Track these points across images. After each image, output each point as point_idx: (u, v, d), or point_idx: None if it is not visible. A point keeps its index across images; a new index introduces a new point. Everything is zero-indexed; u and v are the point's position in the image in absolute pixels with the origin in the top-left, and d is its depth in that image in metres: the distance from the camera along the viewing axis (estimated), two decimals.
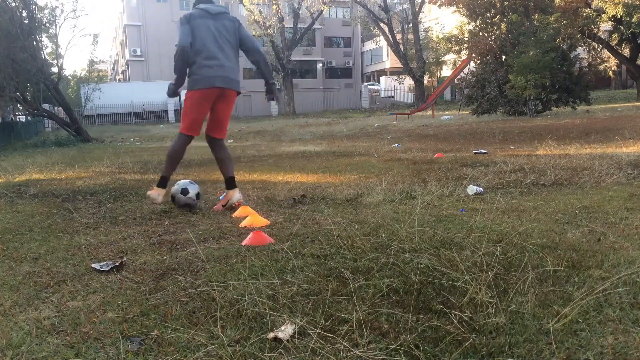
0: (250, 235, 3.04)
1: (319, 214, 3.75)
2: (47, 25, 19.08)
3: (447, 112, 25.43)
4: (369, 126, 19.17)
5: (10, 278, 2.52)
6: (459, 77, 26.20)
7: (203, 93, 4.04)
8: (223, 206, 4.15)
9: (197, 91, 4.04)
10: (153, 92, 37.57)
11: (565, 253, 2.56)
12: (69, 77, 43.23)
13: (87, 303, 2.15)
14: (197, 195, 4.15)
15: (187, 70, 4.06)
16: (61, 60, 21.04)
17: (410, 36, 38.83)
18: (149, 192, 4.21)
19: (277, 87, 4.34)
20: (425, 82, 39.73)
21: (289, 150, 10.30)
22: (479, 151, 8.26)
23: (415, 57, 37.51)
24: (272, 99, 4.43)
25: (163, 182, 4.19)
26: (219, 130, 4.26)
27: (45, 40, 20.45)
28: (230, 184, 4.24)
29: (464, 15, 24.54)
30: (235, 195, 4.19)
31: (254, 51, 4.24)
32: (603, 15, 24.67)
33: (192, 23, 4.00)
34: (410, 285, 2.20)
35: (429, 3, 29.59)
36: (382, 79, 53.63)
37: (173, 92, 4.16)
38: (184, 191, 4.07)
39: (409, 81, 43.30)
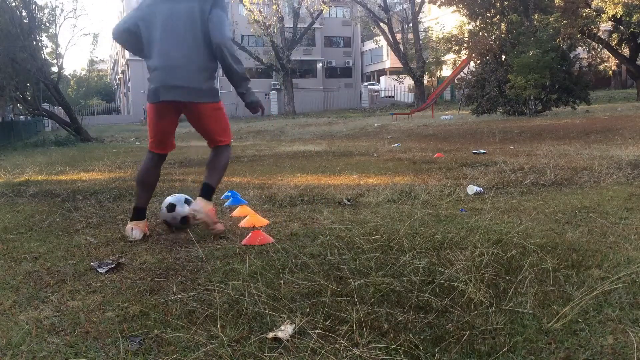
0: (250, 235, 3.04)
1: (319, 214, 3.75)
2: (47, 24, 19.11)
3: (447, 112, 25.43)
4: (368, 126, 19.17)
5: (10, 278, 2.52)
6: (458, 77, 26.21)
7: (153, 107, 3.17)
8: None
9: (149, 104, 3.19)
10: None
11: (565, 253, 2.56)
12: (69, 76, 43.24)
13: (87, 303, 2.15)
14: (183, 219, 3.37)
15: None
16: (61, 59, 21.05)
17: (410, 36, 38.85)
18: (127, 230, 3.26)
19: (253, 97, 3.11)
20: (425, 82, 39.75)
21: (289, 150, 10.30)
22: (477, 151, 8.26)
23: (415, 57, 37.53)
24: (257, 112, 3.27)
25: (135, 212, 3.29)
26: (206, 139, 3.34)
27: (45, 39, 20.48)
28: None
29: (463, 15, 24.54)
30: (195, 203, 3.19)
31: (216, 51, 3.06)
32: (603, 15, 24.68)
33: (146, 9, 3.12)
34: (410, 285, 2.20)
35: (429, 3, 29.58)
36: (382, 78, 53.63)
37: None
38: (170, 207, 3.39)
39: (408, 81, 43.30)
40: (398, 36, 38.75)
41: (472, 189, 4.44)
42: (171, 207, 3.36)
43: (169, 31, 3.02)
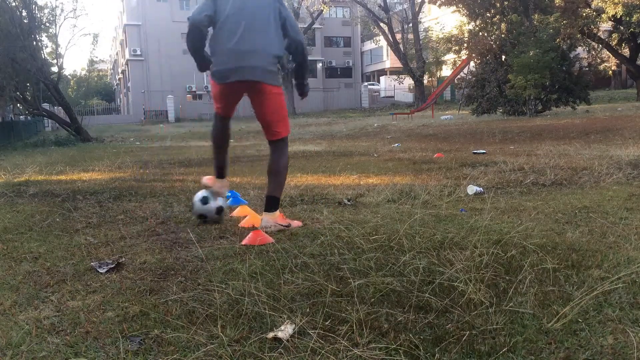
0: (249, 235, 3.04)
1: (319, 214, 3.75)
2: (47, 24, 19.13)
3: (447, 112, 25.43)
4: (368, 126, 19.18)
5: (10, 277, 2.52)
6: (458, 77, 26.23)
7: (219, 86, 3.39)
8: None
9: (213, 81, 3.41)
10: None
11: (565, 253, 2.56)
12: (68, 76, 43.25)
13: (87, 302, 2.15)
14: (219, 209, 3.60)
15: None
16: (61, 59, 21.07)
17: (410, 36, 38.85)
18: (212, 187, 3.57)
19: (308, 88, 3.68)
20: (425, 82, 39.76)
21: (289, 150, 10.27)
22: (477, 151, 8.26)
23: (415, 57, 37.53)
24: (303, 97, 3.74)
25: (217, 171, 3.66)
26: (265, 130, 3.56)
27: (45, 39, 20.51)
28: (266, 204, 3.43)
29: (463, 15, 24.56)
30: (263, 220, 3.37)
31: (294, 44, 3.41)
32: (603, 15, 24.69)
33: None
34: (410, 285, 2.20)
35: (429, 3, 29.58)
36: (382, 78, 53.62)
37: (201, 70, 3.48)
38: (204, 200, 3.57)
39: (408, 81, 43.31)
40: (398, 36, 38.76)
41: (472, 189, 4.44)
42: (205, 200, 3.57)
43: (242, 17, 3.25)
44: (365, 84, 49.59)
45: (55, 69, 21.51)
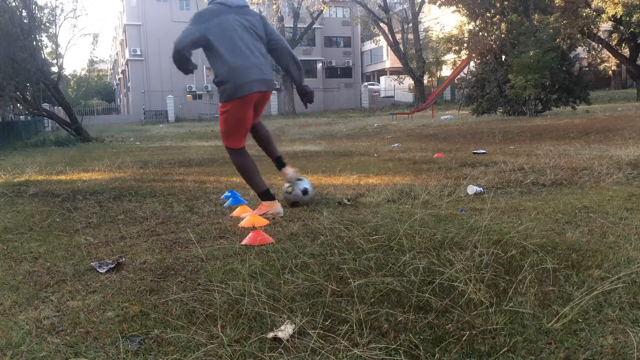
0: (249, 235, 3.04)
1: (319, 214, 3.75)
2: (47, 24, 19.13)
3: (447, 112, 25.43)
4: (368, 126, 19.19)
5: (10, 277, 2.52)
6: (458, 77, 26.24)
7: (243, 100, 3.67)
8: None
9: (236, 100, 3.67)
10: None
11: (565, 253, 2.56)
12: (68, 76, 43.24)
13: (87, 302, 2.15)
14: (304, 190, 4.09)
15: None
16: (61, 59, 21.08)
17: (410, 36, 38.86)
18: (267, 213, 3.73)
19: (308, 88, 4.05)
20: (425, 82, 39.76)
21: (289, 150, 10.29)
22: (477, 151, 8.25)
23: (415, 57, 37.54)
24: (309, 102, 4.01)
25: (266, 195, 3.88)
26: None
27: (45, 39, 20.51)
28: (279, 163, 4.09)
29: (463, 15, 24.60)
30: (291, 172, 4.07)
31: (283, 52, 3.91)
32: (603, 15, 24.72)
33: (210, 22, 3.60)
34: (410, 285, 2.20)
35: (429, 3, 29.61)
36: (382, 78, 53.64)
37: (186, 73, 3.72)
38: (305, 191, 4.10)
39: (408, 81, 43.34)
40: (398, 36, 38.77)
41: (472, 189, 4.44)
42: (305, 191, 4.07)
43: (246, 38, 3.66)
44: (365, 84, 49.59)
45: (55, 69, 21.51)
